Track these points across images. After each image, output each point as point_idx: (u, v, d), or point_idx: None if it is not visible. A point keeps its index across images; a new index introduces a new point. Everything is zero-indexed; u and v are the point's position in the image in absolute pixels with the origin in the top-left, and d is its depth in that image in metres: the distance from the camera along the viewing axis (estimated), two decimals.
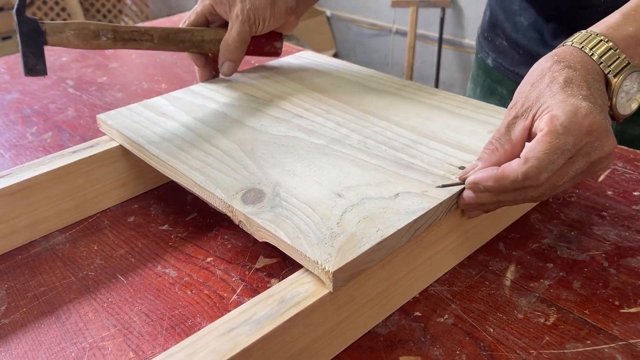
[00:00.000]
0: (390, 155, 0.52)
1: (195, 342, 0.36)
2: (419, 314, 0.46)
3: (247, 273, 0.50)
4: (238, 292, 0.48)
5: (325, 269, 0.38)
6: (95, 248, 0.55)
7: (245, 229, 0.46)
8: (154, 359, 0.34)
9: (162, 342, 0.44)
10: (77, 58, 1.05)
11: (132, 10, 3.55)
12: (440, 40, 2.73)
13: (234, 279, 0.50)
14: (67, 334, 0.45)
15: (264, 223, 0.43)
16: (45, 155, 0.58)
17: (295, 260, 0.41)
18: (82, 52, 1.07)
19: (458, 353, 0.42)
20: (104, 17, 3.35)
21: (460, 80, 2.87)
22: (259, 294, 0.40)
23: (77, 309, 0.48)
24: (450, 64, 2.87)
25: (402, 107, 0.62)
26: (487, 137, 0.54)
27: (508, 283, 0.48)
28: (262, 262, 0.52)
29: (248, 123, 0.59)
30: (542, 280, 0.48)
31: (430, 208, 0.44)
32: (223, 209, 0.47)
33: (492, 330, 0.44)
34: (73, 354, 0.43)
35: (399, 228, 0.42)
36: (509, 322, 0.44)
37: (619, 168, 0.63)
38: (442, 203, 0.45)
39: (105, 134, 0.62)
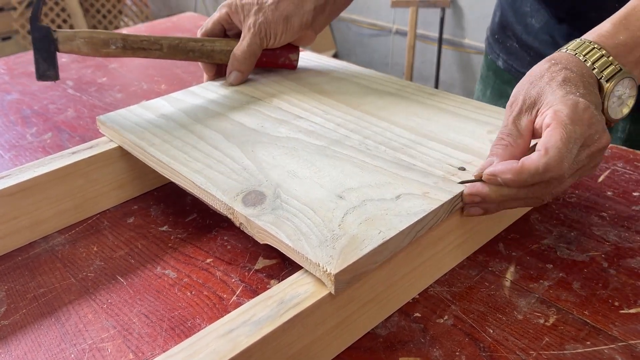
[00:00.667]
0: (391, 156, 0.52)
1: (195, 343, 0.36)
2: (419, 315, 0.46)
3: (246, 274, 0.50)
4: (238, 293, 0.48)
5: (327, 271, 0.38)
6: (95, 249, 0.55)
7: (247, 231, 0.46)
8: None
9: (161, 343, 0.44)
10: (77, 59, 1.05)
11: (132, 11, 3.54)
12: (440, 41, 2.73)
13: (234, 280, 0.50)
14: (66, 335, 0.45)
15: (265, 225, 0.43)
16: (45, 156, 0.58)
17: (295, 262, 0.41)
18: None
19: (458, 354, 0.42)
20: (104, 17, 3.35)
21: (460, 81, 2.87)
22: (259, 295, 0.40)
23: (76, 310, 0.48)
24: (450, 64, 2.87)
25: (401, 107, 0.62)
26: (487, 137, 0.54)
27: (508, 284, 0.48)
28: (261, 263, 0.52)
29: (248, 124, 0.59)
30: (541, 281, 0.48)
31: (432, 210, 0.44)
32: (224, 211, 0.47)
33: (491, 331, 0.44)
34: (72, 355, 0.43)
35: (401, 230, 0.42)
36: (509, 323, 0.44)
37: (619, 168, 0.63)
38: (443, 205, 0.45)
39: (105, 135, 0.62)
